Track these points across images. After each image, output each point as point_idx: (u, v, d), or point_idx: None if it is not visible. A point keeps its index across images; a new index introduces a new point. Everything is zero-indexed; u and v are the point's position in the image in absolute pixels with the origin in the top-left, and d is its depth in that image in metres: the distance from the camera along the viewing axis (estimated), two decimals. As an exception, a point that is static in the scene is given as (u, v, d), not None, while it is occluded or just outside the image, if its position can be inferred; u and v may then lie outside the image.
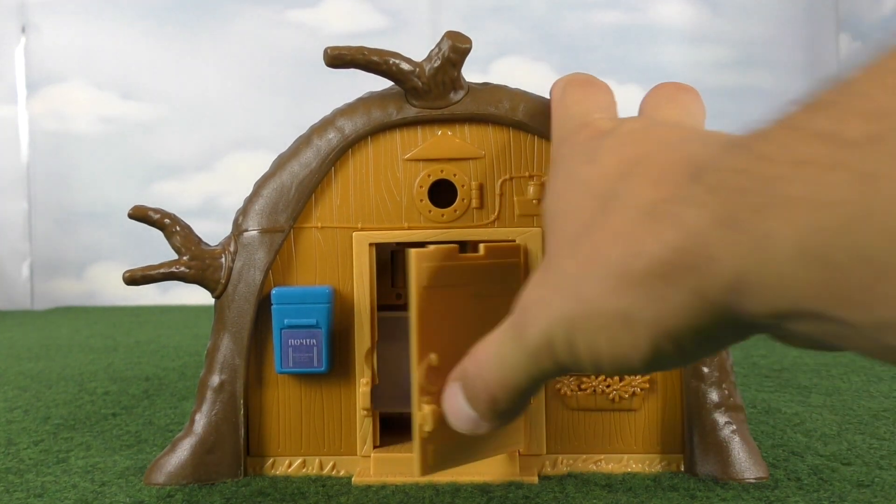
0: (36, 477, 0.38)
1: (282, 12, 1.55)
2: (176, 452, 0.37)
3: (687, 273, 0.21)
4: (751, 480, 0.35)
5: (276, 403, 0.38)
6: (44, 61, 1.55)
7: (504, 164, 0.37)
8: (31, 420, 0.51)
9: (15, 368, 0.73)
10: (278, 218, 0.37)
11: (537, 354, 0.27)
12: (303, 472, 0.38)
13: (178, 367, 0.72)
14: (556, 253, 0.26)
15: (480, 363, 0.29)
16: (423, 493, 0.35)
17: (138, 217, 0.38)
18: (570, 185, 0.27)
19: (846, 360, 0.70)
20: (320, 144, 0.37)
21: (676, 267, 0.21)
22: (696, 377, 0.36)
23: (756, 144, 0.19)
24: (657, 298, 0.22)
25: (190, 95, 1.54)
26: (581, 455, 0.38)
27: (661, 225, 0.22)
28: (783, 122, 0.19)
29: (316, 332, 0.36)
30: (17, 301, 1.54)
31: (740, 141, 0.20)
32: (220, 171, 1.56)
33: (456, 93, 0.37)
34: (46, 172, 1.55)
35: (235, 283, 0.37)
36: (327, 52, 0.35)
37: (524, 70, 1.54)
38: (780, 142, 0.18)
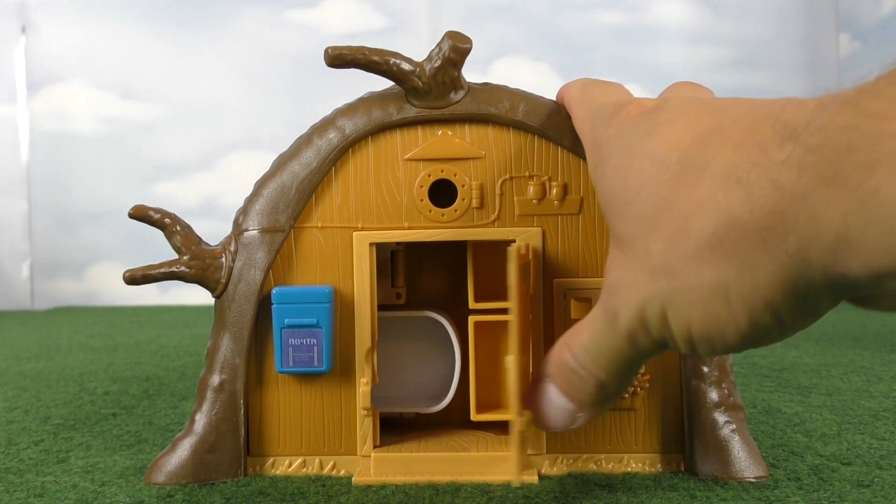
0: (36, 477, 0.38)
1: (282, 12, 1.55)
2: (176, 452, 0.37)
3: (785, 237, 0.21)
4: (751, 480, 0.35)
5: (277, 403, 0.38)
6: (44, 61, 1.55)
7: (504, 163, 0.37)
8: (31, 420, 0.51)
9: (15, 368, 0.73)
10: (279, 217, 0.37)
11: (633, 336, 0.27)
12: (303, 472, 0.38)
13: (178, 367, 0.72)
14: (635, 232, 0.25)
15: (577, 355, 0.29)
16: (423, 493, 0.35)
17: (139, 217, 0.38)
18: (633, 160, 0.26)
19: (846, 361, 0.70)
20: (321, 144, 0.37)
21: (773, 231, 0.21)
22: (695, 376, 0.36)
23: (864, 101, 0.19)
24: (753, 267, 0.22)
25: (190, 95, 1.54)
26: (581, 455, 0.38)
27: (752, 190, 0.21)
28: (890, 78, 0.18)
29: (316, 331, 0.36)
30: (17, 301, 1.54)
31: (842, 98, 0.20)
32: (220, 171, 1.56)
33: (456, 93, 0.37)
34: (46, 172, 1.55)
35: (236, 283, 0.37)
36: (328, 51, 0.35)
37: (524, 70, 1.54)
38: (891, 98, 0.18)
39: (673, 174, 0.24)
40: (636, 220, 0.25)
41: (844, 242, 0.19)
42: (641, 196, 0.25)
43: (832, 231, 0.19)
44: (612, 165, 0.27)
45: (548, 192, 0.37)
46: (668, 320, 0.25)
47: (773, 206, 0.21)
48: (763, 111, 0.23)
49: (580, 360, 0.29)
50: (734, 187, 0.22)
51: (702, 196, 0.23)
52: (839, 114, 0.19)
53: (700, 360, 0.37)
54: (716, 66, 1.53)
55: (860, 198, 0.18)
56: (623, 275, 0.26)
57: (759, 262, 0.21)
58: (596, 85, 0.33)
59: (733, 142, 0.22)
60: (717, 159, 0.23)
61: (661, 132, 0.25)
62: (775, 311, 0.22)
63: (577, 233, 0.37)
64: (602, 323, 0.28)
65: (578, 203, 0.37)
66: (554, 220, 0.37)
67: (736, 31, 1.53)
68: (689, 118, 0.25)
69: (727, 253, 0.22)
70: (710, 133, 0.24)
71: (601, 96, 0.32)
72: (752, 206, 0.21)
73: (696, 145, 0.24)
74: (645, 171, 0.25)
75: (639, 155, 0.26)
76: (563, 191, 0.37)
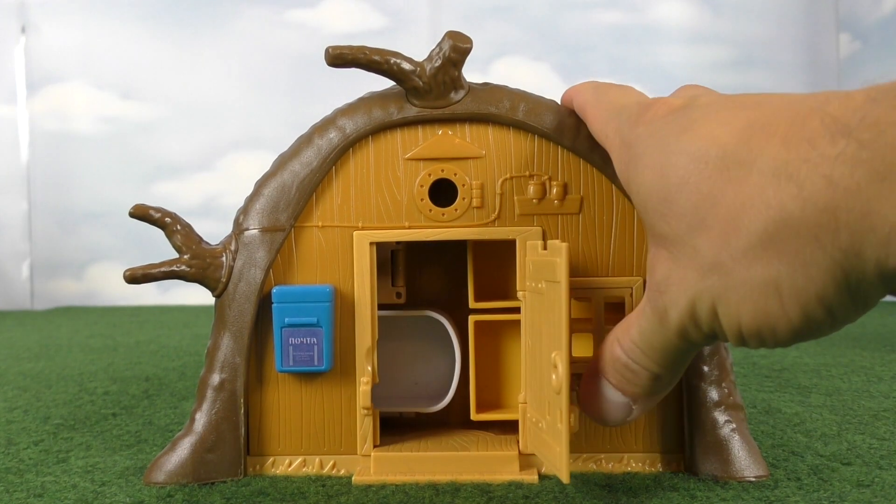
0: (36, 477, 0.38)
1: (282, 12, 1.55)
2: (176, 451, 0.37)
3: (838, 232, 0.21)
4: (751, 479, 0.35)
5: (277, 402, 0.38)
6: (44, 61, 1.55)
7: (504, 163, 0.37)
8: (31, 420, 0.51)
9: (15, 368, 0.73)
10: (279, 217, 0.37)
11: (684, 331, 0.27)
12: (303, 472, 0.38)
13: (178, 367, 0.72)
14: (679, 230, 0.26)
15: (628, 351, 0.30)
16: (423, 493, 0.35)
17: (139, 216, 0.38)
18: (669, 157, 0.26)
19: (846, 361, 0.70)
20: (321, 143, 0.37)
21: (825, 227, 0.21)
22: (695, 376, 0.36)
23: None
24: (805, 263, 0.22)
25: (190, 95, 1.54)
26: (581, 454, 0.38)
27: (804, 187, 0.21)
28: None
29: (316, 330, 0.36)
30: (17, 301, 1.54)
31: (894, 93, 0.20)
32: (220, 171, 1.56)
33: (456, 92, 0.37)
34: (46, 172, 1.55)
35: (236, 282, 0.37)
36: (329, 51, 0.35)
37: (524, 70, 1.54)
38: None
39: (714, 170, 0.24)
40: (679, 217, 0.25)
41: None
42: (682, 193, 0.25)
43: (886, 225, 0.20)
44: (647, 164, 0.27)
45: (548, 191, 0.37)
46: (719, 315, 0.25)
47: (825, 202, 0.21)
48: (805, 105, 0.23)
49: (632, 356, 0.30)
50: (785, 184, 0.22)
51: (750, 193, 0.23)
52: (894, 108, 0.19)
53: (700, 359, 0.37)
54: (716, 66, 1.53)
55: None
56: (671, 272, 0.26)
57: (811, 257, 0.22)
58: (611, 88, 0.33)
59: (779, 137, 0.22)
60: (763, 155, 0.23)
61: (696, 128, 0.25)
62: (828, 304, 0.22)
63: (577, 232, 0.37)
64: (652, 320, 0.28)
65: (578, 203, 0.37)
66: (554, 219, 0.37)
67: (736, 31, 1.53)
68: (724, 114, 0.25)
69: (779, 250, 0.22)
70: (750, 128, 0.23)
71: (620, 98, 0.32)
72: (804, 202, 0.21)
73: (738, 141, 0.24)
74: (683, 167, 0.25)
75: (675, 152, 0.26)
76: (564, 190, 0.37)
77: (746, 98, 0.25)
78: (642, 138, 0.28)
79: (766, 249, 0.22)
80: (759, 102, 0.24)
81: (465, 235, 0.37)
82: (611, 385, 0.31)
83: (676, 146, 0.26)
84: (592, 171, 0.37)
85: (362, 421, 0.38)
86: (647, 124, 0.28)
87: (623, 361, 0.30)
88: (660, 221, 0.27)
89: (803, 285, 0.22)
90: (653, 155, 0.27)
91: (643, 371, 0.30)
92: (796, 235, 0.22)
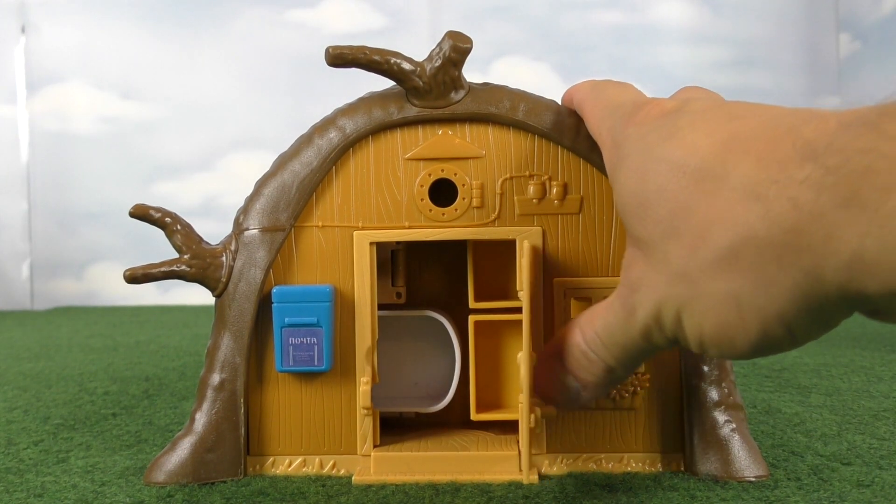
0: (36, 477, 0.38)
1: (282, 12, 1.55)
2: (176, 451, 0.37)
3: (800, 254, 0.21)
4: (751, 479, 0.35)
5: (277, 402, 0.38)
6: (44, 61, 1.55)
7: (504, 163, 0.37)
8: (31, 420, 0.51)
9: (15, 368, 0.73)
10: (279, 217, 0.37)
11: (648, 332, 0.28)
12: (303, 472, 0.38)
13: (178, 367, 0.72)
14: (654, 236, 0.26)
15: (589, 341, 0.30)
16: (423, 493, 0.35)
17: (139, 216, 0.38)
18: (653, 163, 0.26)
19: (846, 361, 0.70)
20: (321, 143, 0.37)
21: (789, 248, 0.21)
22: (695, 376, 0.36)
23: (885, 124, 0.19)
24: (768, 281, 0.22)
25: (190, 95, 1.54)
26: (581, 454, 0.38)
27: (770, 207, 0.21)
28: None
29: (316, 330, 0.36)
30: (17, 301, 1.54)
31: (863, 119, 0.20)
32: (220, 171, 1.56)
33: (456, 92, 0.37)
34: (46, 172, 1.55)
35: (236, 282, 0.37)
36: (329, 51, 0.35)
37: (524, 70, 1.54)
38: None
39: (691, 181, 0.24)
40: (655, 223, 0.26)
41: (860, 263, 0.19)
42: (660, 200, 0.25)
43: (848, 251, 0.20)
44: (631, 167, 0.27)
45: (548, 191, 0.37)
46: (683, 323, 0.26)
47: (790, 224, 0.21)
48: (785, 123, 0.23)
49: (593, 346, 0.30)
50: (753, 203, 0.22)
51: (721, 208, 0.23)
52: (860, 136, 0.20)
53: (700, 359, 0.37)
54: (716, 66, 1.53)
55: (878, 220, 0.19)
56: (644, 274, 0.27)
57: (773, 277, 0.22)
58: (609, 85, 0.33)
59: (753, 155, 0.23)
60: (736, 172, 0.23)
61: (680, 136, 0.26)
62: (787, 323, 0.23)
63: (578, 232, 0.37)
64: (619, 316, 0.28)
65: (578, 202, 0.37)
66: (554, 219, 0.37)
67: (736, 31, 1.53)
68: (709, 124, 0.25)
69: (742, 266, 0.22)
70: (730, 142, 0.24)
71: (617, 96, 0.32)
72: (770, 223, 0.21)
73: (716, 154, 0.24)
74: (663, 174, 0.25)
75: (657, 158, 0.26)
76: (564, 190, 0.37)
77: (736, 107, 0.26)
78: (630, 140, 0.28)
79: (731, 265, 0.23)
80: (743, 115, 0.25)
81: (465, 235, 0.37)
82: (565, 369, 0.31)
83: (659, 152, 0.26)
84: (592, 171, 0.37)
85: (362, 421, 0.38)
86: (637, 125, 0.28)
87: (582, 349, 0.31)
88: (637, 224, 0.27)
89: (764, 303, 0.22)
90: (636, 158, 0.27)
91: (600, 362, 0.30)
92: (760, 254, 0.22)
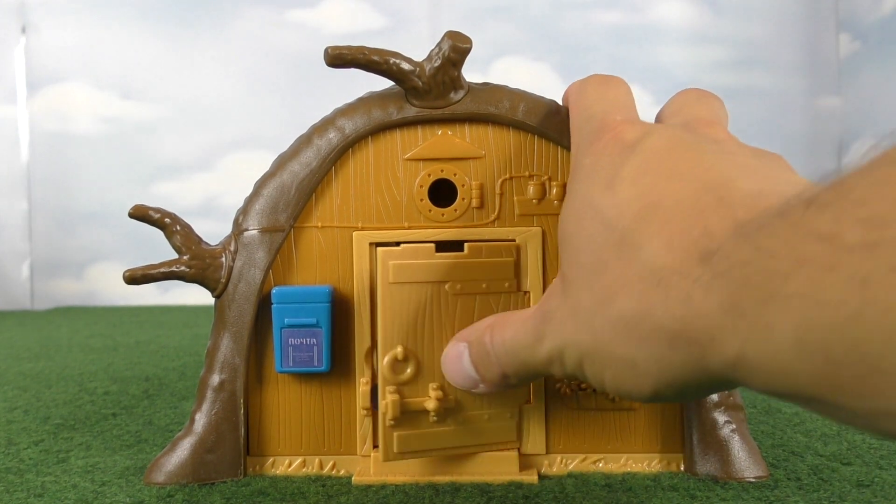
0: (36, 477, 0.38)
1: (282, 12, 1.55)
2: (176, 452, 0.37)
3: (690, 345, 0.22)
4: (750, 480, 0.35)
5: (276, 403, 0.38)
6: (44, 61, 1.55)
7: (504, 163, 0.37)
8: (31, 420, 0.51)
9: (15, 368, 0.73)
10: (279, 217, 0.37)
11: (548, 363, 0.29)
12: (303, 472, 0.38)
13: (178, 367, 0.72)
14: (572, 278, 0.27)
15: (496, 343, 0.31)
16: (423, 493, 0.35)
17: (138, 216, 0.38)
18: (586, 209, 0.27)
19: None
20: (321, 144, 0.37)
21: (680, 338, 0.22)
22: (696, 377, 0.36)
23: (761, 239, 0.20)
24: (661, 358, 0.23)
25: (190, 95, 1.54)
26: (581, 455, 0.38)
27: (669, 295, 0.22)
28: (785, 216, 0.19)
29: (316, 331, 0.36)
30: (17, 301, 1.54)
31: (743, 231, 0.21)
32: (220, 171, 1.56)
33: (456, 92, 0.37)
34: (46, 172, 1.55)
35: (236, 283, 0.37)
36: (328, 51, 0.35)
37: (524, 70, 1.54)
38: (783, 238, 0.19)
39: (614, 241, 0.25)
40: (577, 267, 0.27)
41: (743, 364, 0.20)
42: (587, 248, 0.26)
43: (731, 353, 0.20)
44: (573, 205, 0.28)
45: (548, 191, 0.37)
46: (584, 368, 0.27)
47: (682, 316, 0.22)
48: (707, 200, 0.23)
49: (496, 350, 0.31)
50: (655, 287, 0.23)
51: (629, 278, 0.24)
52: (740, 248, 0.20)
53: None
54: (716, 66, 1.53)
55: (756, 331, 0.19)
56: (557, 309, 0.28)
57: (665, 354, 0.23)
58: (596, 85, 0.33)
59: (665, 237, 0.23)
60: (649, 248, 0.24)
61: (619, 189, 0.26)
62: (679, 390, 0.24)
63: (577, 233, 0.37)
64: (528, 337, 0.29)
65: (578, 203, 0.37)
66: (554, 219, 0.37)
67: (736, 31, 1.53)
68: (648, 180, 0.26)
69: (639, 336, 0.24)
70: (653, 211, 0.24)
71: (593, 103, 0.31)
72: (665, 310, 0.22)
73: (638, 221, 0.25)
74: (595, 225, 0.26)
75: (594, 207, 0.27)
76: (564, 190, 0.37)
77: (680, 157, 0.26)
78: (583, 172, 0.29)
79: (630, 332, 0.24)
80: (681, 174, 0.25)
81: (465, 236, 0.37)
82: (469, 358, 0.32)
83: (598, 202, 0.27)
84: (592, 171, 0.37)
85: (362, 421, 0.38)
86: (593, 156, 0.29)
87: (486, 349, 0.31)
88: (564, 261, 0.28)
89: (656, 373, 0.24)
90: (579, 199, 0.28)
91: (498, 367, 0.31)
92: (655, 333, 0.23)
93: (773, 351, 0.19)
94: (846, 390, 0.17)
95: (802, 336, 0.18)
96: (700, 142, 0.27)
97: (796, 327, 0.18)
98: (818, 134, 1.52)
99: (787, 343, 0.18)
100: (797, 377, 0.19)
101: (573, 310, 0.27)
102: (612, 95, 0.32)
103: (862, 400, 0.17)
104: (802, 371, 0.18)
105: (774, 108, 1.51)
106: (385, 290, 0.35)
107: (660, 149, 0.26)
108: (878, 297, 0.16)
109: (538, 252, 0.37)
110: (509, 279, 0.36)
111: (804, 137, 1.53)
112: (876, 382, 0.16)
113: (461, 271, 0.35)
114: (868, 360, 0.16)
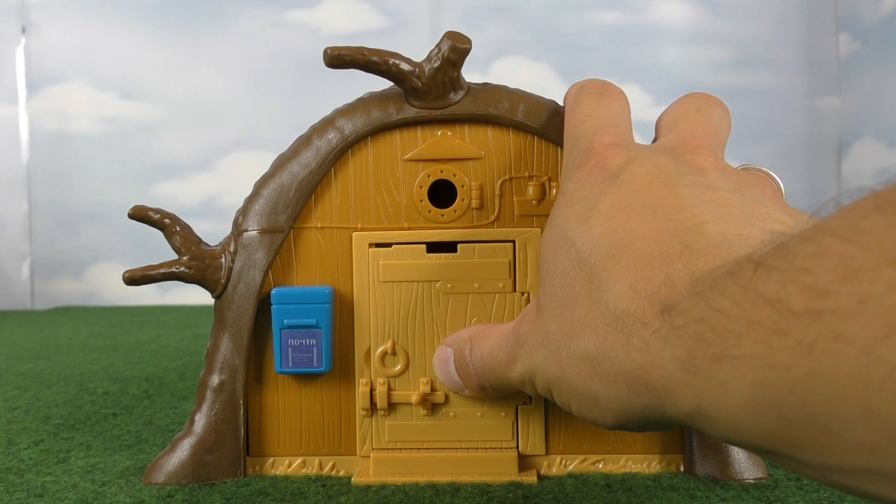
0: (36, 477, 0.38)
1: (282, 12, 1.55)
2: (176, 452, 0.37)
3: (648, 392, 0.22)
4: (750, 481, 0.35)
5: (276, 403, 0.38)
6: (44, 61, 1.55)
7: (504, 164, 0.37)
8: (31, 420, 0.51)
9: (15, 368, 0.73)
10: (278, 218, 0.37)
11: (521, 383, 0.30)
12: (303, 472, 0.38)
13: (178, 367, 0.72)
14: (545, 305, 0.28)
15: (474, 357, 0.33)
16: (423, 493, 0.35)
17: (138, 217, 0.38)
18: (562, 240, 0.28)
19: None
20: (320, 145, 0.37)
21: (639, 383, 0.23)
22: (695, 377, 0.36)
23: (714, 297, 0.20)
24: (622, 399, 0.24)
25: (190, 95, 1.54)
26: (580, 455, 0.38)
27: (630, 342, 0.23)
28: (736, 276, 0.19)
29: (316, 332, 0.37)
30: (17, 301, 1.54)
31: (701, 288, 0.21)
32: (220, 171, 1.56)
33: (456, 93, 0.37)
34: (46, 172, 1.55)
35: (235, 283, 0.37)
36: (327, 52, 0.35)
37: (524, 70, 1.54)
38: (733, 298, 0.19)
39: (586, 277, 0.26)
40: (551, 298, 0.27)
41: (700, 416, 0.21)
42: (560, 279, 0.27)
43: (688, 406, 0.21)
44: (553, 233, 0.28)
45: (548, 192, 0.37)
46: (552, 394, 0.28)
47: (640, 363, 0.22)
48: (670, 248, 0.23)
49: (474, 363, 0.32)
50: (617, 332, 0.23)
51: (594, 317, 0.24)
52: (695, 305, 0.21)
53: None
54: (716, 66, 1.53)
55: (711, 387, 0.20)
56: (530, 333, 0.29)
57: (625, 395, 0.23)
58: (590, 97, 0.33)
59: (630, 280, 0.24)
60: (614, 290, 0.24)
61: (594, 223, 0.26)
62: (641, 424, 0.24)
63: (577, 233, 0.37)
64: (503, 356, 0.30)
65: (578, 203, 0.37)
66: (553, 220, 0.37)
67: (736, 31, 1.53)
68: (623, 216, 0.26)
69: (601, 374, 0.24)
70: (623, 251, 0.25)
71: (586, 121, 0.31)
72: (627, 355, 0.23)
73: (607, 260, 0.25)
74: (569, 259, 0.27)
75: (570, 239, 0.27)
76: (563, 191, 0.37)
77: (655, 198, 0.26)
78: (565, 198, 0.29)
79: (593, 371, 0.24)
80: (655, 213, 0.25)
81: (465, 237, 0.37)
82: (452, 363, 0.34)
83: (573, 234, 0.27)
84: (592, 171, 0.37)
85: (362, 422, 0.38)
86: (577, 182, 0.29)
87: (466, 360, 0.33)
88: (540, 289, 0.29)
89: (617, 409, 0.24)
90: (558, 229, 0.28)
91: (475, 378, 0.32)
92: (616, 376, 0.23)
93: (728, 406, 0.19)
94: (799, 447, 0.18)
95: (756, 394, 0.18)
96: (682, 174, 0.27)
97: (750, 386, 0.18)
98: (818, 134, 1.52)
99: (742, 400, 0.19)
100: (753, 432, 0.19)
101: (544, 337, 0.27)
102: (604, 111, 0.32)
103: (814, 456, 0.18)
104: (758, 426, 0.19)
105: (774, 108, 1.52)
106: (375, 288, 0.37)
107: (641, 181, 0.27)
108: (824, 364, 0.16)
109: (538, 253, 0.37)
110: (503, 279, 0.36)
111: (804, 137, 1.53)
112: (825, 441, 0.17)
113: (452, 271, 0.36)
114: (818, 420, 0.17)
